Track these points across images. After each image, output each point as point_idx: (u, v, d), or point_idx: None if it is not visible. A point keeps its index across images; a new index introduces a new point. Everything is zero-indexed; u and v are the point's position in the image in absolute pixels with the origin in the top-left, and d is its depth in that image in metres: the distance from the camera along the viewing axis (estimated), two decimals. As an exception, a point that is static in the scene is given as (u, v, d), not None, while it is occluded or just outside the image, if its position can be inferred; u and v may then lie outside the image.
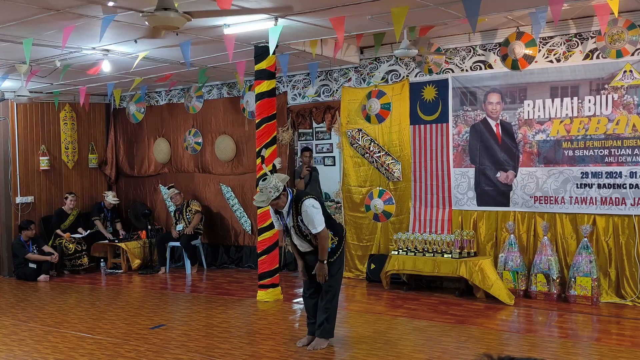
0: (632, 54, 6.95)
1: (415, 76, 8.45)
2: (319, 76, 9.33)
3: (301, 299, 7.84)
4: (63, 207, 10.62)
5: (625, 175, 7.02)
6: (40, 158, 10.86)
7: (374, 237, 8.76)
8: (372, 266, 8.52)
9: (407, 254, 7.86)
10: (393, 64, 8.66)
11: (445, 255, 7.55)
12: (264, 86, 7.54)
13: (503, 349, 5.48)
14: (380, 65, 8.78)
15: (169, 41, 7.10)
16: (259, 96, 7.58)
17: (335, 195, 11.14)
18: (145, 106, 11.47)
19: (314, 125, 10.12)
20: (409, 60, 8.42)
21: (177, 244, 10.07)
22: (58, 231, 10.45)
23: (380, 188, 8.71)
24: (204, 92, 10.68)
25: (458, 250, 7.52)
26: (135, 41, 7.17)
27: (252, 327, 6.54)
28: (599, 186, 7.18)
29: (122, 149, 11.77)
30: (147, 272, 10.08)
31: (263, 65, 7.51)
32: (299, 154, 12.50)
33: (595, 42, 7.17)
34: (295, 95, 9.70)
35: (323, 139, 15.87)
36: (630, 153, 7.01)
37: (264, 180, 5.33)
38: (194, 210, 10.15)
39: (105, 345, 5.96)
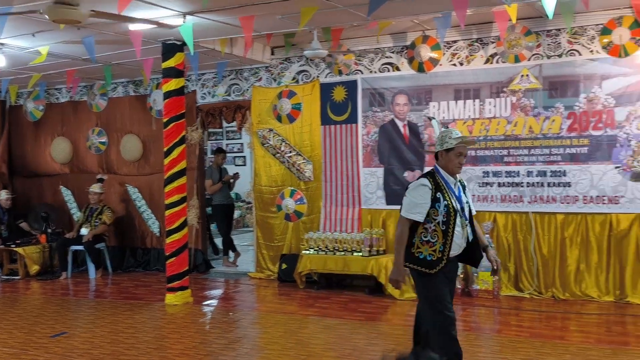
0: (529, 59, 7.33)
1: (326, 77, 8.52)
2: (228, 75, 9.24)
3: (213, 301, 7.74)
4: None
5: (523, 174, 7.40)
6: None
7: (285, 237, 8.75)
8: (284, 266, 8.52)
9: (318, 253, 7.92)
10: (303, 65, 8.69)
11: (355, 254, 7.67)
12: (172, 84, 7.36)
13: (411, 345, 5.62)
14: (290, 66, 8.79)
15: (71, 36, 6.78)
16: (167, 94, 7.40)
17: (246, 196, 11.06)
18: (44, 104, 10.89)
19: (224, 124, 9.99)
20: (319, 61, 8.48)
21: (80, 247, 9.62)
22: None
23: (292, 188, 8.72)
24: (109, 89, 10.29)
25: (368, 249, 7.65)
26: (33, 35, 6.80)
27: (160, 332, 6.36)
28: (499, 185, 7.53)
29: (17, 148, 11.12)
30: (47, 277, 9.57)
31: (171, 63, 7.33)
32: (209, 153, 12.33)
33: (495, 47, 7.51)
34: (204, 94, 9.53)
35: (233, 138, 15.76)
36: (527, 153, 7.39)
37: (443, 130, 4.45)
38: (103, 220, 9.69)
39: (1, 356, 5.61)
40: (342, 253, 7.77)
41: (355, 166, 8.32)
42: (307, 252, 8.01)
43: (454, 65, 7.73)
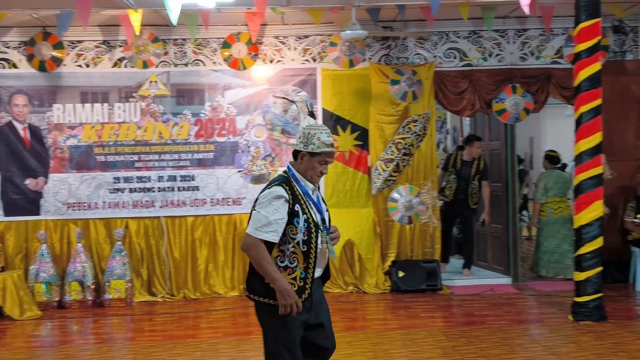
0: (157, 66, 7.45)
1: None
2: None
3: None
4: None
5: (154, 180, 7.48)
6: None
7: None
8: None
9: None
10: None
11: (-34, 274, 6.70)
12: None
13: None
14: None
15: None
16: None
17: None
18: None
19: None
20: None
21: None
22: None
23: None
24: None
25: (-18, 267, 6.76)
26: None
27: None
28: (131, 190, 7.46)
29: None
30: None
31: None
32: None
33: (123, 51, 7.42)
34: None
35: None
36: (157, 159, 7.48)
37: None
38: None
39: None
40: (-51, 275, 6.70)
41: (-36, 174, 7.28)
42: None
43: (80, 66, 7.40)
